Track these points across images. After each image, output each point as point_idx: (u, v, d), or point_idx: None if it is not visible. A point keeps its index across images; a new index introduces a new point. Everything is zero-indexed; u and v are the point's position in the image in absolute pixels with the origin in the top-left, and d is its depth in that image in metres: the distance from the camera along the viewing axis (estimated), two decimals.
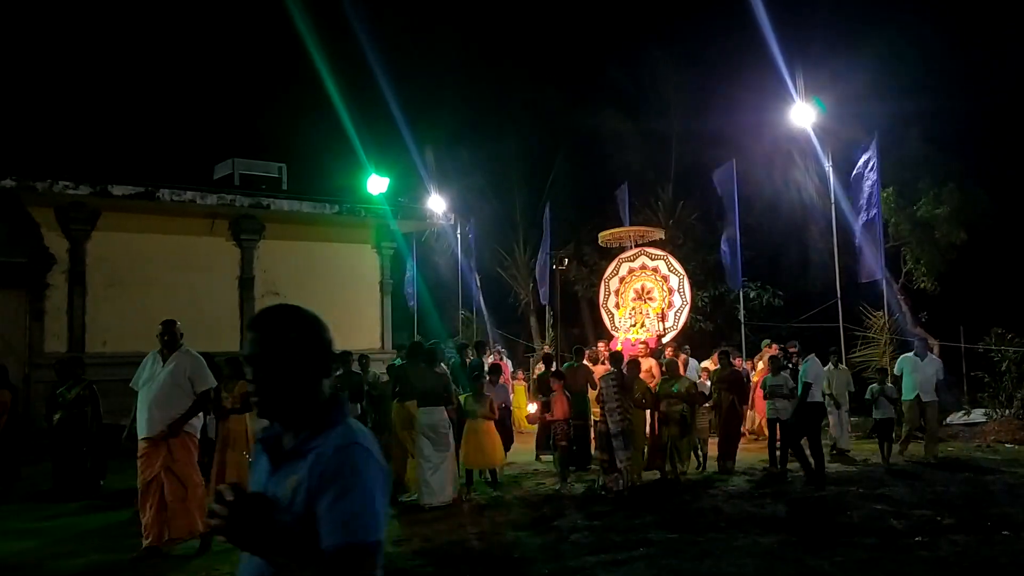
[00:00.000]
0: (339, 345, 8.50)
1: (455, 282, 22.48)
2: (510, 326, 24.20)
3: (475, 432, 8.77)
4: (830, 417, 11.53)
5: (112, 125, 21.37)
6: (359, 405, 9.56)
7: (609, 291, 16.25)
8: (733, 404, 10.45)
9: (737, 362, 12.72)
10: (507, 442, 10.14)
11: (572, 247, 23.93)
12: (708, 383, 11.29)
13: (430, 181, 21.70)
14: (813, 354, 9.78)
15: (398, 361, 9.56)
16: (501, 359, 15.32)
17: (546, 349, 15.98)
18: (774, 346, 13.00)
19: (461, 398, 8.91)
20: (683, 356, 13.53)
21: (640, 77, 23.55)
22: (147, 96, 23.00)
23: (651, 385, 10.56)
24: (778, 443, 10.00)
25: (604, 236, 16.92)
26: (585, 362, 12.40)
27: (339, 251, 15.30)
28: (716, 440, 10.55)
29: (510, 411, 10.47)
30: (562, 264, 13.78)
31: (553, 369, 10.80)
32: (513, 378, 14.71)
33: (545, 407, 9.67)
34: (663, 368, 10.70)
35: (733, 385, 10.57)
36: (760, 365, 12.83)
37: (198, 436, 6.65)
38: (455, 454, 8.75)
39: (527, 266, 24.09)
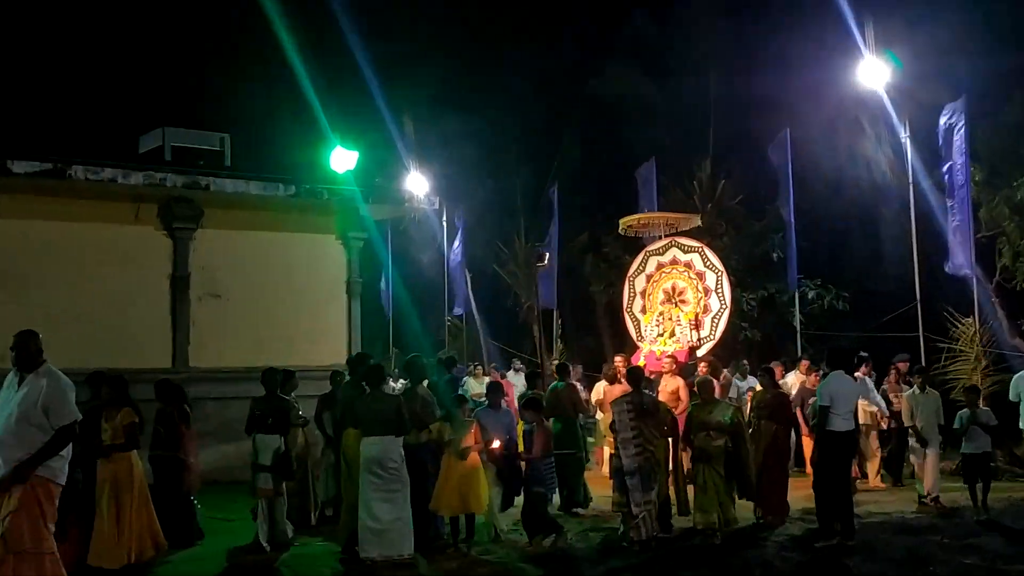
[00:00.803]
0: (295, 360, 8.30)
1: (440, 281, 22.47)
2: (509, 335, 24.15)
3: (450, 468, 8.64)
4: (912, 457, 11.39)
5: (13, 90, 21.32)
6: (283, 439, 9.17)
7: (634, 292, 16.22)
8: (776, 437, 10.11)
9: (813, 378, 12.33)
10: (515, 484, 9.96)
11: (586, 237, 23.95)
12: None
13: (409, 156, 21.67)
14: (841, 370, 9.37)
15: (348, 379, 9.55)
16: (501, 377, 15.27)
17: (556, 363, 15.92)
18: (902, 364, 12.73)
19: (435, 426, 8.79)
20: (724, 374, 13.44)
21: (670, 27, 23.55)
22: (57, 55, 22.95)
23: (676, 411, 10.44)
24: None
25: (627, 223, 16.89)
26: (609, 382, 12.30)
27: (296, 243, 15.20)
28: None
29: (515, 442, 10.34)
30: (542, 260, 13.77)
31: (533, 392, 10.78)
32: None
33: (527, 440, 9.57)
34: (695, 388, 10.53)
35: (777, 411, 10.22)
36: (898, 390, 12.28)
37: (61, 483, 6.01)
38: (425, 495, 8.69)
39: (530, 261, 24.04)
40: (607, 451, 11.82)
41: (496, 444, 8.95)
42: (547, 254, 14.34)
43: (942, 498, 10.85)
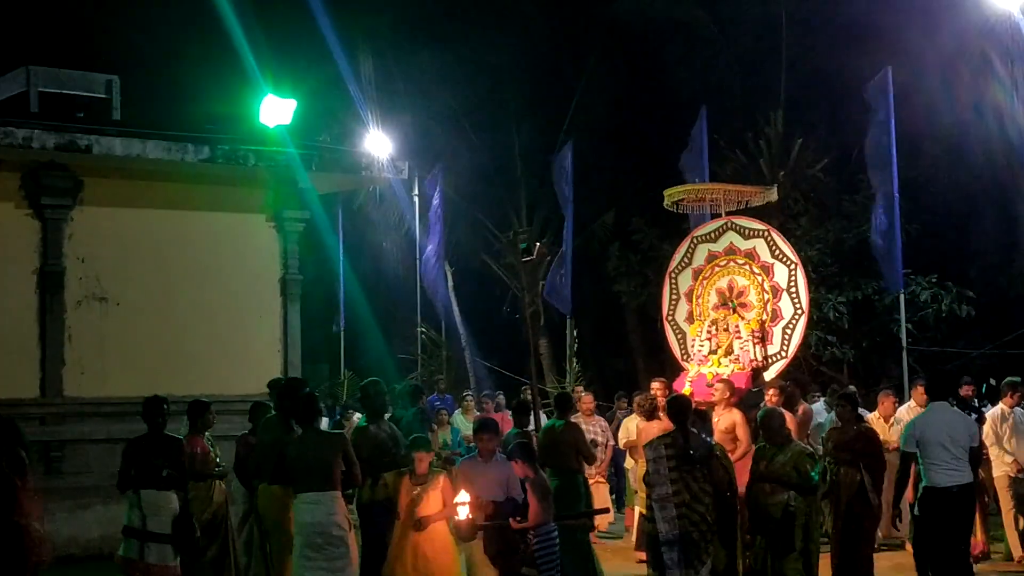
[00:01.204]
0: (211, 388, 8.34)
1: (411, 278, 22.41)
2: (506, 353, 24.15)
3: (404, 543, 8.64)
4: None
5: None
6: (177, 496, 9.05)
7: (677, 293, 16.16)
8: (860, 493, 10.03)
9: None
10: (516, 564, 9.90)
11: (612, 218, 23.92)
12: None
13: (367, 107, 21.63)
14: (945, 401, 9.32)
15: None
16: (496, 410, 15.41)
17: (582, 392, 15.94)
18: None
19: (389, 477, 8.84)
20: (804, 406, 13.38)
21: None
22: None
23: (733, 456, 10.44)
24: None
25: (675, 195, 16.76)
26: (645, 418, 12.26)
27: (211, 225, 15.22)
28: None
29: (517, 504, 10.32)
30: (530, 254, 13.75)
31: (520, 433, 10.78)
32: None
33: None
34: (757, 425, 10.52)
35: (861, 454, 10.08)
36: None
37: None
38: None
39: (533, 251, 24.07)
40: (638, 512, 11.82)
41: (463, 513, 8.72)
42: (537, 244, 14.23)
43: None
